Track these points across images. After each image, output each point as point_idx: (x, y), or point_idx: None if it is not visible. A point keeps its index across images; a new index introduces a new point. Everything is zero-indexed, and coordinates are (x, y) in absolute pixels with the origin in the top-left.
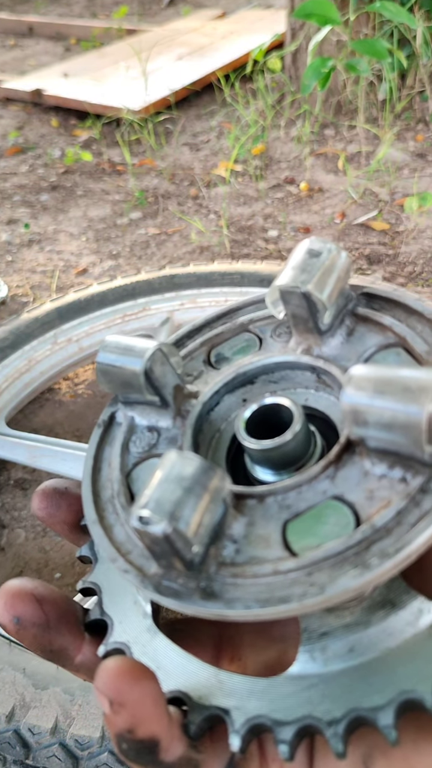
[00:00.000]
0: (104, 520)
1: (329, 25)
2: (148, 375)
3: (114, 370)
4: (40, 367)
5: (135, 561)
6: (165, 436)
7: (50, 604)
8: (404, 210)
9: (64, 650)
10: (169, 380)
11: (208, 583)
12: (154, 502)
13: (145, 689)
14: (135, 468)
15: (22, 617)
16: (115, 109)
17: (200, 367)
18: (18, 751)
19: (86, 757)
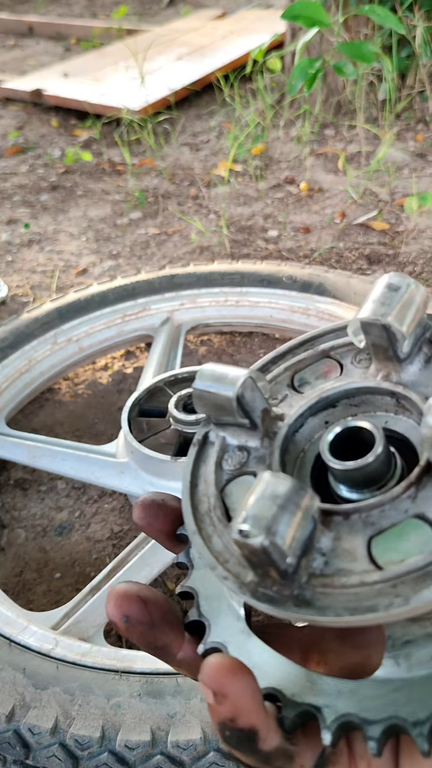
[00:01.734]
0: (203, 531)
1: (317, 27)
2: (240, 400)
3: (209, 396)
4: (40, 367)
5: (232, 569)
6: (254, 455)
7: (154, 605)
8: (404, 210)
9: (167, 647)
10: (258, 405)
11: (300, 591)
12: (253, 518)
13: (245, 683)
14: (228, 484)
15: (131, 616)
16: (115, 109)
17: (285, 391)
18: (18, 751)
19: (86, 757)
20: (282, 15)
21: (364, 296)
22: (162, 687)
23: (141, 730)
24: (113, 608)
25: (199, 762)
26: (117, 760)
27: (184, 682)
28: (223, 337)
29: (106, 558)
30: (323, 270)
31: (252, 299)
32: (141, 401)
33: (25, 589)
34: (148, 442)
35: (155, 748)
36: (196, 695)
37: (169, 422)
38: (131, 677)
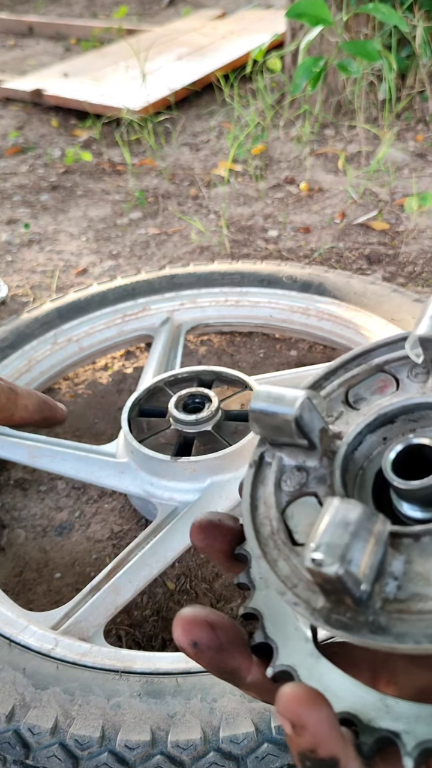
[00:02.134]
0: (268, 555)
1: (321, 25)
2: (298, 422)
3: (266, 418)
4: (40, 367)
5: (302, 594)
6: (314, 475)
7: (221, 629)
8: (404, 210)
9: (236, 671)
10: (316, 424)
11: (375, 617)
12: (326, 546)
13: (322, 713)
14: (288, 506)
15: (200, 642)
16: (115, 109)
17: (340, 408)
18: (18, 751)
19: (86, 757)
20: (286, 13)
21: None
22: (162, 687)
23: (141, 730)
24: (182, 634)
25: (199, 762)
26: (117, 760)
27: (185, 682)
28: (223, 337)
29: (106, 558)
30: (323, 270)
31: (252, 299)
32: (141, 401)
33: (25, 589)
34: (148, 442)
35: (155, 748)
36: (196, 695)
37: (169, 422)
38: (131, 677)
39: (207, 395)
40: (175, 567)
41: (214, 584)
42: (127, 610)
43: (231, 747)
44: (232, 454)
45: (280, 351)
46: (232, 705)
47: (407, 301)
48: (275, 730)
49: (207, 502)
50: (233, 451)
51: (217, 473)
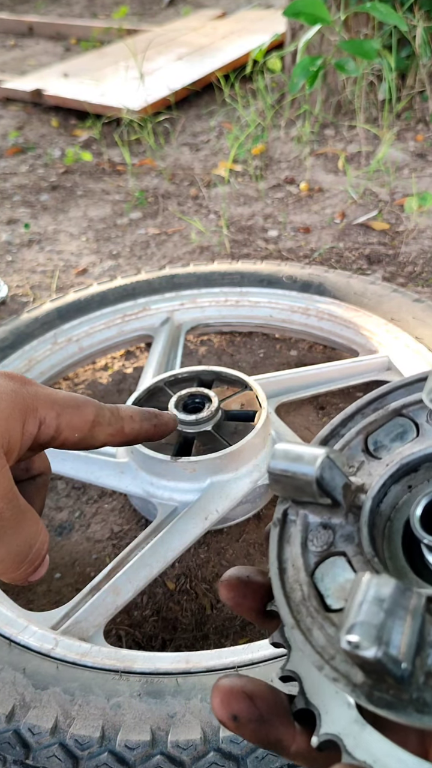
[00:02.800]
0: (301, 624)
1: (319, 24)
2: (320, 482)
3: (286, 479)
4: (40, 367)
5: (340, 668)
6: (340, 533)
7: (261, 699)
8: (404, 210)
9: (279, 741)
10: (338, 482)
11: (419, 694)
12: (360, 626)
13: None
14: (317, 567)
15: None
16: (115, 109)
17: (360, 457)
18: (18, 751)
19: (86, 757)
20: (284, 12)
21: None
22: (162, 687)
23: (141, 730)
24: (220, 707)
25: (199, 762)
26: (117, 760)
27: (185, 682)
28: (223, 337)
29: (106, 558)
30: (323, 270)
31: (252, 299)
32: (141, 401)
33: (25, 589)
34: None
35: (155, 748)
36: (196, 695)
37: None
38: (131, 677)
39: (207, 395)
40: (175, 567)
41: (214, 584)
42: (127, 610)
43: (231, 747)
44: (232, 454)
45: (280, 351)
46: None
47: (407, 301)
48: None
49: (207, 502)
50: (233, 451)
51: (217, 473)
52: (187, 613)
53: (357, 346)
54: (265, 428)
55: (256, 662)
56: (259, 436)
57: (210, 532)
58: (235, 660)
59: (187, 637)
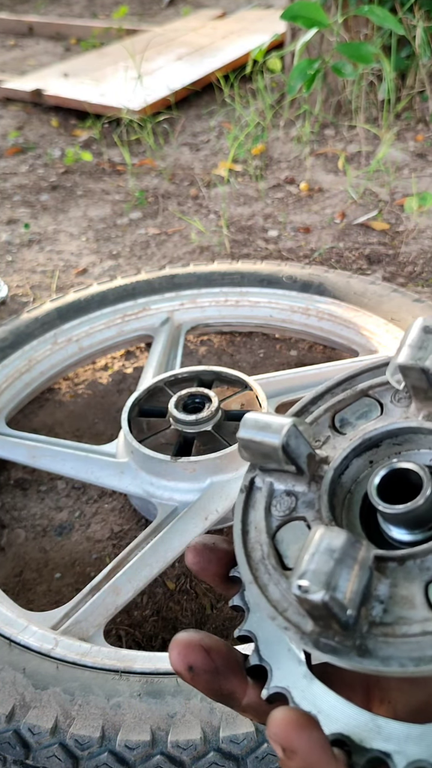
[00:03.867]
0: (258, 580)
1: (316, 28)
2: (285, 449)
3: (254, 445)
4: (40, 367)
5: (292, 618)
6: (302, 500)
7: (216, 653)
8: (404, 210)
9: (232, 694)
10: (303, 450)
11: (362, 641)
12: (311, 573)
13: (313, 737)
14: (279, 530)
15: (195, 666)
16: (115, 109)
17: (327, 432)
18: (18, 751)
19: (86, 757)
20: (281, 15)
21: (362, 295)
22: (162, 687)
23: (141, 730)
24: (177, 658)
25: (198, 762)
26: (117, 760)
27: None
28: (223, 337)
29: (106, 558)
30: (323, 270)
31: (252, 299)
32: (141, 401)
33: (25, 589)
34: (148, 442)
35: (155, 748)
36: (196, 695)
37: (169, 422)
38: (131, 677)
39: (207, 395)
40: (175, 567)
41: None
42: (127, 610)
43: (231, 747)
44: (232, 454)
45: (280, 351)
46: None
47: (407, 301)
48: None
49: (207, 502)
50: (233, 451)
51: (217, 473)
52: (187, 613)
53: (357, 346)
54: None
55: None
56: None
57: (210, 532)
58: None
59: None
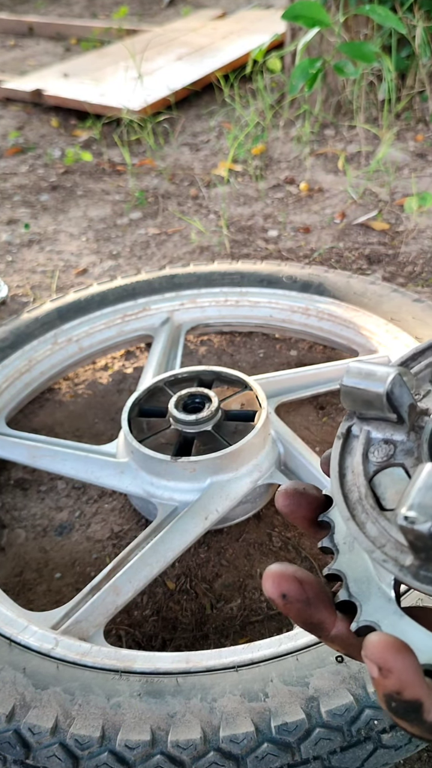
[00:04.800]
0: (356, 518)
1: (317, 27)
2: (389, 396)
3: (358, 392)
4: (41, 367)
5: (390, 553)
6: (401, 448)
7: (308, 584)
8: (404, 210)
9: (321, 623)
10: (405, 400)
11: None
12: (418, 505)
13: (408, 660)
14: (376, 475)
15: (288, 594)
16: (115, 109)
17: (428, 386)
18: (18, 751)
19: (86, 757)
20: (282, 15)
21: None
22: (162, 687)
23: (141, 730)
24: (271, 586)
25: (199, 762)
26: (117, 759)
27: (184, 682)
28: (223, 337)
29: (106, 558)
30: (323, 270)
31: (252, 299)
32: (141, 401)
33: (25, 589)
34: (148, 442)
35: (155, 748)
36: (196, 695)
37: (169, 422)
38: (131, 677)
39: (207, 395)
40: (175, 567)
41: (214, 584)
42: (127, 609)
43: (231, 747)
44: (232, 454)
45: (280, 351)
46: (232, 705)
47: (407, 301)
48: (275, 729)
49: (207, 502)
50: (233, 451)
51: (217, 473)
52: (187, 613)
53: (357, 346)
54: (264, 428)
55: (256, 662)
56: (259, 435)
57: (210, 532)
58: (235, 659)
59: (187, 637)
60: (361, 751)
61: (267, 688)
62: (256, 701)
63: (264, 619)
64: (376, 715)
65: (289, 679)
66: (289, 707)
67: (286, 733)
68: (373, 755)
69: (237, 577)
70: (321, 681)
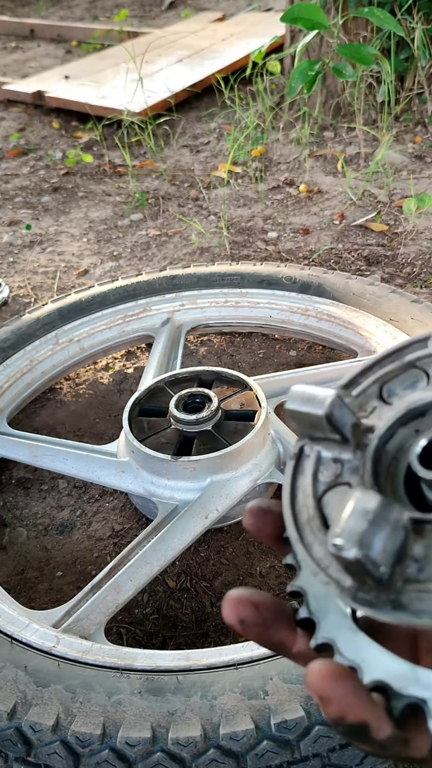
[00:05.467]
0: (304, 540)
1: (316, 30)
2: (329, 418)
3: (301, 415)
4: (42, 367)
5: (333, 575)
6: (348, 467)
7: (265, 607)
8: (403, 211)
9: (281, 643)
10: (347, 420)
11: (396, 596)
12: (347, 533)
13: (348, 685)
14: (324, 495)
15: (245, 619)
16: (115, 111)
17: (374, 403)
18: (19, 749)
19: (87, 754)
20: (281, 18)
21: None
22: (162, 684)
23: (141, 728)
24: (229, 613)
25: (199, 759)
26: (118, 757)
27: (185, 679)
28: (223, 337)
29: (107, 556)
30: (322, 271)
31: (252, 300)
32: (142, 401)
33: (26, 588)
34: (148, 441)
35: (156, 745)
36: (197, 693)
37: (169, 422)
38: (132, 675)
39: (207, 395)
40: (175, 565)
41: (215, 582)
42: (127, 608)
43: (231, 744)
44: (232, 454)
45: (280, 351)
46: (232, 702)
47: (405, 301)
48: (275, 727)
49: (207, 501)
50: (233, 451)
51: (217, 472)
52: (187, 611)
53: (356, 347)
54: (264, 428)
55: (256, 660)
56: (258, 435)
57: (210, 531)
58: (235, 657)
59: (188, 635)
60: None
61: (267, 686)
62: (255, 699)
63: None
64: None
65: (288, 677)
66: (289, 705)
67: (285, 731)
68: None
69: (237, 575)
70: None
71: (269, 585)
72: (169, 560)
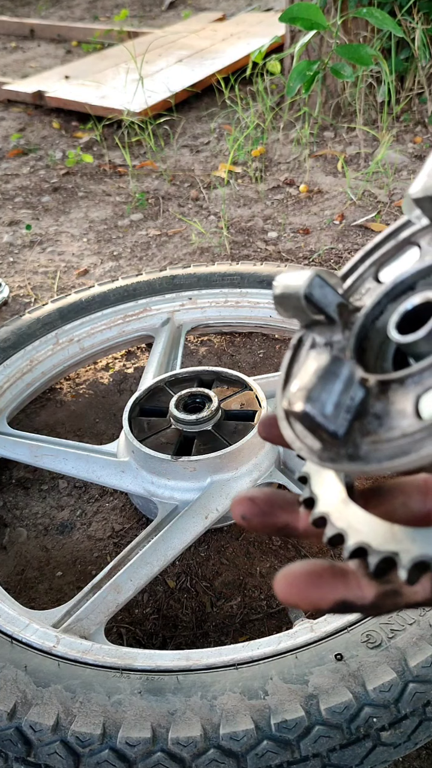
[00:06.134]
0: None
1: (315, 29)
2: (309, 298)
3: (284, 299)
4: (42, 367)
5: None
6: (337, 347)
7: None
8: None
9: (287, 525)
10: (331, 300)
11: (354, 450)
12: (296, 389)
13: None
14: None
15: (245, 513)
16: (116, 111)
17: (369, 285)
18: (20, 749)
19: (87, 754)
20: (280, 17)
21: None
22: (162, 684)
23: (142, 727)
24: (234, 513)
25: (199, 759)
26: (118, 756)
27: (185, 679)
28: (223, 337)
29: (107, 556)
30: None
31: (252, 300)
32: (142, 401)
33: (26, 588)
34: (148, 441)
35: (156, 745)
36: (197, 692)
37: (169, 422)
38: (132, 675)
39: (207, 395)
40: (175, 565)
41: (215, 582)
42: (128, 608)
43: (231, 744)
44: (232, 453)
45: (280, 351)
46: (232, 702)
47: None
48: (275, 727)
49: (207, 501)
50: (233, 451)
51: (217, 472)
52: (187, 611)
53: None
54: None
55: (256, 660)
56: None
57: (210, 531)
58: (235, 657)
59: (188, 635)
60: (360, 748)
61: (267, 686)
62: (255, 699)
63: (264, 617)
64: (375, 712)
65: (288, 677)
66: (289, 705)
67: (285, 731)
68: (372, 753)
69: (237, 575)
70: (320, 679)
71: (270, 585)
72: (169, 560)
